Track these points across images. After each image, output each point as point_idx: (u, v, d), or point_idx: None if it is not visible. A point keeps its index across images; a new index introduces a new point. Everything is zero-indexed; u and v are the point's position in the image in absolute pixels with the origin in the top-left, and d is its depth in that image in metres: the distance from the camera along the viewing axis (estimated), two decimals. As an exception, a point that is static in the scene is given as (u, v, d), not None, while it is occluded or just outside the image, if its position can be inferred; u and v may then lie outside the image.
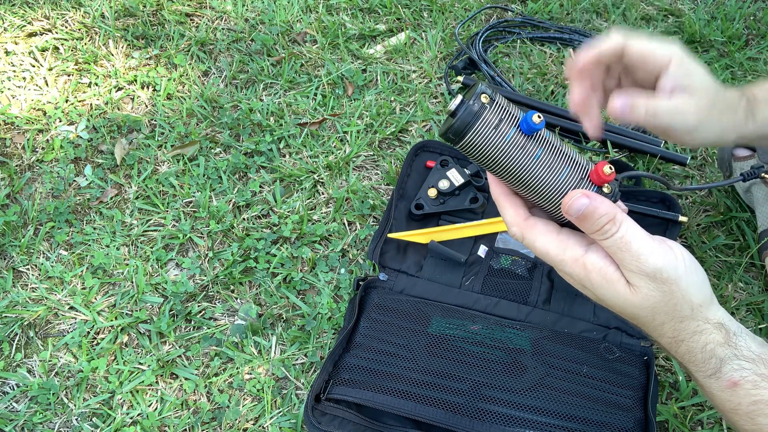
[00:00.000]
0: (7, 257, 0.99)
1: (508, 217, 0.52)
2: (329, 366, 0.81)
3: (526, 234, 0.51)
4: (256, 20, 1.29)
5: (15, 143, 1.12)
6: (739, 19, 1.25)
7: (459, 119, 0.48)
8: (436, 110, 1.14)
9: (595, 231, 0.48)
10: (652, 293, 0.48)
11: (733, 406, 0.51)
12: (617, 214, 0.47)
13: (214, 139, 1.12)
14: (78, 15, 1.31)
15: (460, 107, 0.48)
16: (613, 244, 0.48)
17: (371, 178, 1.07)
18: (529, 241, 0.52)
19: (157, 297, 0.94)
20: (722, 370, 0.50)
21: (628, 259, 0.48)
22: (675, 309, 0.49)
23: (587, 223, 0.48)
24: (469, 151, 0.49)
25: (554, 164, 0.49)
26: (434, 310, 0.87)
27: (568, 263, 0.51)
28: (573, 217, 0.48)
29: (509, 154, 0.49)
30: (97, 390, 0.86)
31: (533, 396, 0.77)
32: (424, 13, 1.30)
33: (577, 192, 0.48)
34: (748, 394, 0.50)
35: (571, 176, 0.49)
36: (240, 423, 0.84)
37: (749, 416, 0.50)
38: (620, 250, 0.48)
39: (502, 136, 0.48)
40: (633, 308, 0.50)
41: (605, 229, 0.48)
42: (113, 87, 1.19)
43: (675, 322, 0.50)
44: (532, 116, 0.48)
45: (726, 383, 0.50)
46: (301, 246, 0.98)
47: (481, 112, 0.48)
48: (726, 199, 1.01)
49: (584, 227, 0.48)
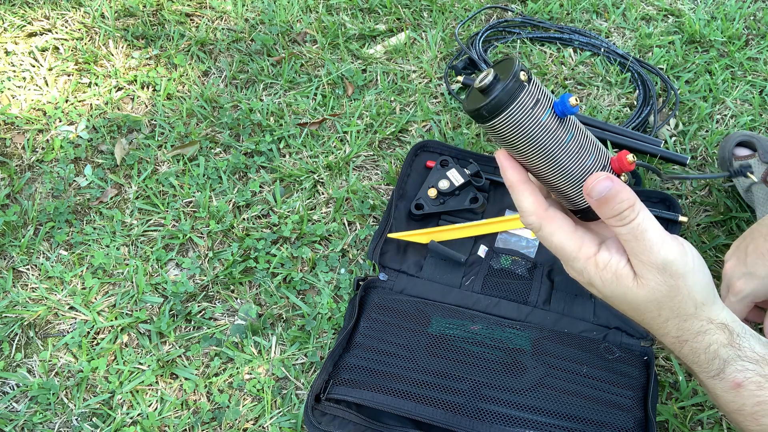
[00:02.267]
0: (7, 257, 0.99)
1: (527, 205, 0.50)
2: (329, 366, 0.81)
3: (545, 225, 0.50)
4: (256, 20, 1.29)
5: (15, 143, 1.12)
6: (739, 19, 1.25)
7: (495, 98, 0.45)
8: (436, 110, 1.14)
9: (614, 215, 0.47)
10: (658, 287, 0.48)
11: (737, 406, 0.51)
12: (636, 201, 0.47)
13: (214, 139, 1.12)
14: (78, 15, 1.30)
15: (494, 84, 0.46)
16: (630, 231, 0.47)
17: (371, 178, 1.07)
18: (546, 233, 0.50)
19: (157, 297, 0.94)
20: (726, 371, 0.50)
21: (641, 249, 0.47)
22: (680, 305, 0.49)
23: (608, 206, 0.47)
24: (498, 129, 0.48)
25: (581, 148, 0.48)
26: (434, 310, 0.87)
27: (581, 260, 0.50)
28: (594, 199, 0.47)
29: (541, 137, 0.47)
30: (97, 390, 0.86)
31: (533, 396, 0.77)
32: (424, 13, 1.30)
33: (602, 174, 0.47)
34: (752, 395, 0.50)
35: (596, 161, 0.49)
36: (240, 423, 0.84)
37: (753, 417, 0.50)
38: (635, 238, 0.47)
39: (536, 118, 0.46)
40: (639, 303, 0.49)
41: (624, 215, 0.47)
42: (113, 87, 1.19)
43: (679, 320, 0.50)
44: (569, 99, 0.46)
45: (730, 384, 0.50)
46: (301, 246, 0.98)
47: (518, 93, 0.46)
48: (726, 199, 1.01)
49: (603, 210, 0.48)
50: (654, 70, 1.17)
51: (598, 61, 1.20)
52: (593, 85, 1.17)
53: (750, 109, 1.13)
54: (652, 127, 1.09)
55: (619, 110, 1.13)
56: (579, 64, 1.20)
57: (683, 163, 1.03)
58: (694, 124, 1.11)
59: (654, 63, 1.19)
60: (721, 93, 1.15)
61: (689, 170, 1.05)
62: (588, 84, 1.17)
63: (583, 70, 1.19)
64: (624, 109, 1.13)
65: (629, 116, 1.11)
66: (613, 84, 1.17)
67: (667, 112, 1.13)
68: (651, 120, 1.10)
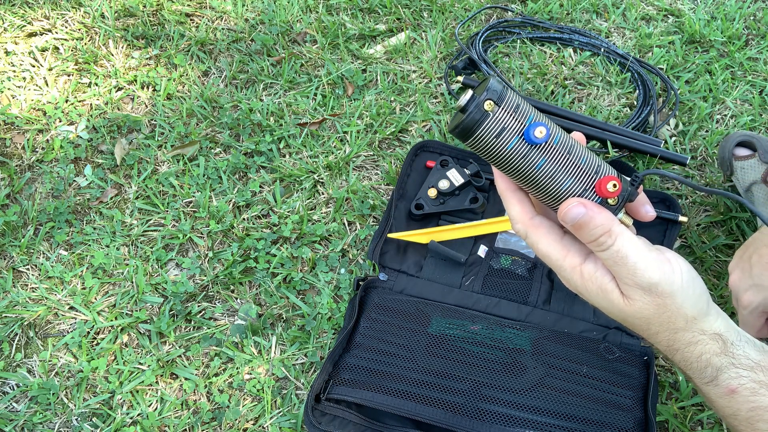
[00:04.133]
0: (7, 257, 0.99)
1: (514, 213, 0.52)
2: (329, 366, 0.81)
3: (530, 233, 0.51)
4: (256, 20, 1.29)
5: (15, 143, 1.12)
6: (739, 19, 1.25)
7: (466, 119, 0.47)
8: (436, 110, 1.14)
9: (591, 241, 0.48)
10: (646, 306, 0.48)
11: (732, 411, 0.51)
12: (613, 226, 0.47)
13: (214, 139, 1.12)
14: (78, 15, 1.30)
15: (469, 104, 0.47)
16: (609, 257, 0.48)
17: (371, 178, 1.07)
18: (533, 241, 0.52)
19: (157, 297, 0.94)
20: (719, 378, 0.50)
21: (624, 273, 0.48)
22: (669, 321, 0.49)
23: (582, 232, 0.48)
24: (476, 149, 0.49)
25: (561, 169, 0.48)
26: (434, 310, 0.87)
27: (566, 269, 0.51)
28: (568, 225, 0.48)
29: (512, 160, 0.48)
30: (97, 390, 0.87)
31: (533, 396, 0.77)
32: (424, 13, 1.30)
33: (574, 200, 0.48)
34: (747, 401, 0.50)
35: (577, 182, 0.48)
36: (240, 423, 0.84)
37: (749, 422, 0.51)
38: (616, 263, 0.48)
39: (503, 145, 0.47)
40: (626, 317, 0.50)
41: (600, 241, 0.47)
42: (113, 87, 1.19)
43: (669, 332, 0.50)
44: (534, 130, 0.47)
45: (724, 390, 0.51)
46: (301, 246, 0.98)
47: (483, 120, 0.47)
48: (726, 199, 1.01)
49: (580, 235, 0.48)
50: (654, 70, 1.17)
51: (598, 61, 1.20)
52: (593, 85, 1.17)
53: (750, 109, 1.13)
54: (652, 127, 1.09)
55: (619, 110, 1.13)
56: (579, 64, 1.20)
57: (683, 163, 1.03)
58: (694, 124, 1.10)
59: (654, 63, 1.19)
60: (721, 93, 1.15)
61: (689, 170, 1.05)
62: (588, 84, 1.17)
63: (583, 70, 1.19)
64: (624, 109, 1.13)
65: (629, 116, 1.11)
66: (613, 84, 1.17)
67: (667, 112, 1.13)
68: (651, 120, 1.10)
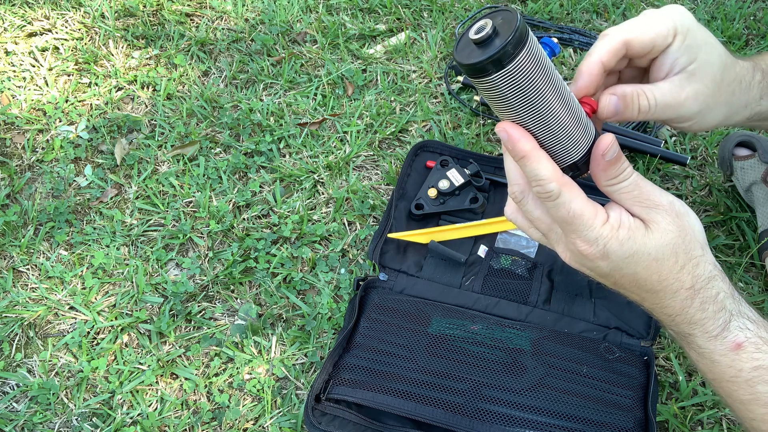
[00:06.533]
0: (7, 257, 0.99)
1: (546, 172, 0.47)
2: (329, 366, 0.81)
3: (565, 191, 0.47)
4: (256, 20, 1.29)
5: (15, 143, 1.12)
6: (739, 19, 1.25)
7: (501, 49, 0.42)
8: (436, 110, 1.14)
9: (620, 173, 0.48)
10: (669, 227, 0.49)
11: (734, 372, 0.50)
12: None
13: (214, 139, 1.12)
14: (78, 15, 1.31)
15: (496, 36, 0.42)
16: (631, 182, 0.49)
17: (371, 178, 1.07)
18: (566, 200, 0.48)
19: (157, 297, 0.94)
20: (730, 327, 0.50)
21: (645, 195, 0.49)
22: (690, 246, 0.49)
23: (615, 166, 0.48)
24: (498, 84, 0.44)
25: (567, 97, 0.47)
26: (434, 310, 0.87)
27: (596, 227, 0.48)
28: (607, 159, 0.47)
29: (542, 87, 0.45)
30: (97, 390, 0.87)
31: (533, 396, 0.77)
32: (424, 13, 1.30)
33: (610, 135, 0.48)
34: (751, 358, 0.49)
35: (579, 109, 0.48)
36: (240, 423, 0.84)
37: (749, 383, 0.50)
38: (638, 186, 0.49)
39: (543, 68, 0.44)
40: (657, 252, 0.49)
41: (628, 170, 0.48)
42: (113, 87, 1.19)
43: (692, 265, 0.50)
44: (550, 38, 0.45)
45: (730, 345, 0.50)
46: (301, 246, 0.98)
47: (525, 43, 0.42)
48: (726, 199, 1.01)
49: (611, 170, 0.48)
50: (654, 70, 1.17)
51: (598, 61, 1.20)
52: (593, 85, 1.17)
53: (750, 109, 1.13)
54: (652, 127, 1.09)
55: (619, 110, 1.13)
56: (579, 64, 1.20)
57: (683, 163, 1.03)
58: (694, 124, 1.10)
59: (654, 63, 1.19)
60: (721, 93, 1.15)
61: (690, 170, 1.05)
62: (588, 84, 1.17)
63: (583, 70, 1.19)
64: (624, 109, 1.13)
65: (629, 116, 1.11)
66: (613, 84, 1.17)
67: (667, 112, 1.13)
68: (651, 120, 1.10)
